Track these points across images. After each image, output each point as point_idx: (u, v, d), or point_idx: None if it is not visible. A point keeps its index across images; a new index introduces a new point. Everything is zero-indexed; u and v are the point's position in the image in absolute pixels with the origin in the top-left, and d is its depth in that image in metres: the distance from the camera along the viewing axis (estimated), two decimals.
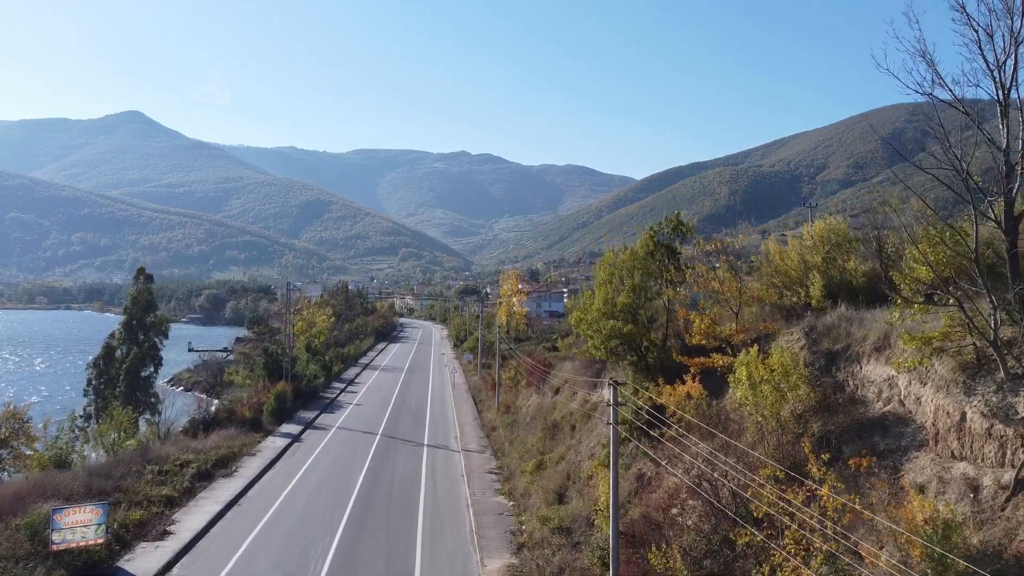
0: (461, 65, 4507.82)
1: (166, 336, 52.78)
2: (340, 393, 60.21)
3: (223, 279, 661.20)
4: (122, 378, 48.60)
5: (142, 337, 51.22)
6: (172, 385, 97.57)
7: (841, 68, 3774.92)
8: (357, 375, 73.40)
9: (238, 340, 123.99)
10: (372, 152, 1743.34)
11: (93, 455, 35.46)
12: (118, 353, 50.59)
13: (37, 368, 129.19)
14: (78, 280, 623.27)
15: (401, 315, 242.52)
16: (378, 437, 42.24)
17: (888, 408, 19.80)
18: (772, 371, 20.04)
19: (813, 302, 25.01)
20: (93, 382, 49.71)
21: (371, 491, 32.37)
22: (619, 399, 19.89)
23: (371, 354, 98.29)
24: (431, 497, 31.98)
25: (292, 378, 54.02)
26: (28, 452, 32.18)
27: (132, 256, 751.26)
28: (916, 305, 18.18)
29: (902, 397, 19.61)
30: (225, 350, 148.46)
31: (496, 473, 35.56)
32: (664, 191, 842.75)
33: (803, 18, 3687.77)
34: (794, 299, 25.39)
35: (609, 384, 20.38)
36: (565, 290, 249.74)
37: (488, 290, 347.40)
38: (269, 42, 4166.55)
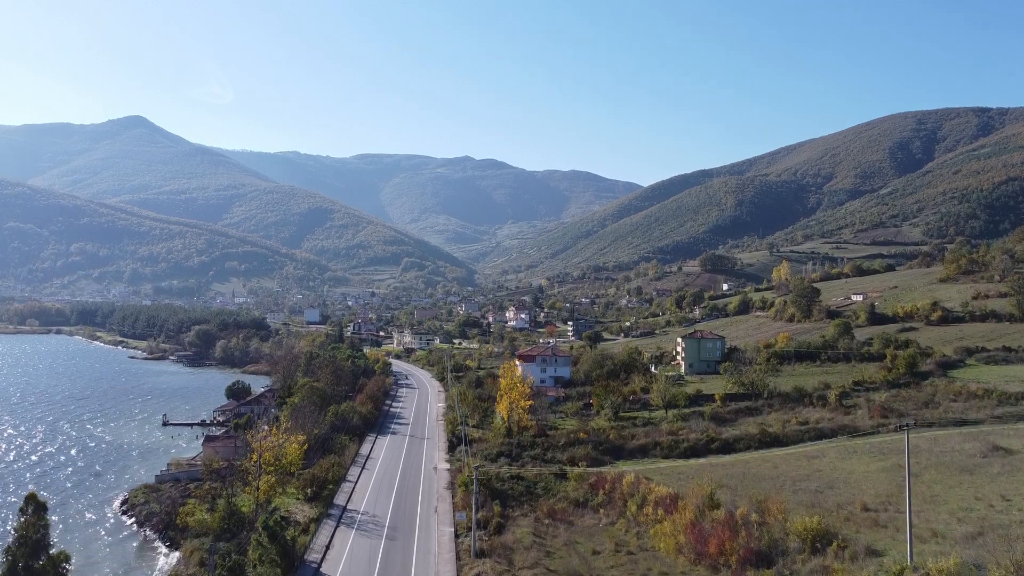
0: (465, 68, 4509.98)
1: None
2: None
3: (221, 291, 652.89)
4: None
5: None
6: (125, 513, 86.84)
7: (847, 73, 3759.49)
8: (327, 547, 61.38)
9: (214, 423, 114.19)
10: (376, 157, 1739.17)
11: None
12: None
13: None
14: (75, 293, 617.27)
15: (399, 356, 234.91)
16: None
17: None
18: None
19: None
20: None
21: None
22: None
23: (354, 471, 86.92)
24: None
25: None
26: None
27: (131, 267, 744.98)
28: None
29: None
30: (203, 423, 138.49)
31: None
32: (669, 200, 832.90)
33: (807, 21, 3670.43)
34: None
35: None
36: (571, 334, 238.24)
37: (490, 318, 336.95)
38: (271, 44, 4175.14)
